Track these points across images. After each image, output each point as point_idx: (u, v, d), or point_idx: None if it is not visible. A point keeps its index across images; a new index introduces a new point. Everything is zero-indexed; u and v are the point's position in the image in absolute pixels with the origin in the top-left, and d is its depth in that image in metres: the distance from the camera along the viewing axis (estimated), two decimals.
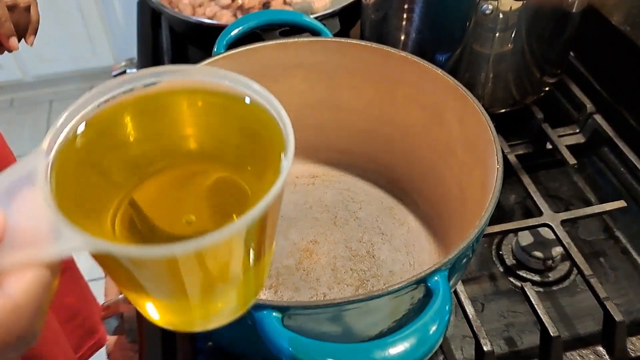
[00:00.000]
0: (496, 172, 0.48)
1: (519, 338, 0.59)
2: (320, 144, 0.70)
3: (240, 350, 0.52)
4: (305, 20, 0.69)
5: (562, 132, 0.77)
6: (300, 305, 0.40)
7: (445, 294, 0.40)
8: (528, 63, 0.69)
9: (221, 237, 0.24)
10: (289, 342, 0.37)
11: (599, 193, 0.73)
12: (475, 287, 0.64)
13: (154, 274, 0.26)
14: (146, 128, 0.31)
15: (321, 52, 0.63)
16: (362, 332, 0.45)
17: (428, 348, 0.38)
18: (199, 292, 0.29)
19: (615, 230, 0.69)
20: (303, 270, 0.60)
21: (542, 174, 0.76)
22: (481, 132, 0.53)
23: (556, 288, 0.63)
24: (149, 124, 0.31)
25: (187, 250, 0.23)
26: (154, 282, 0.27)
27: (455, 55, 0.68)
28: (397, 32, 0.71)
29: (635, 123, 0.75)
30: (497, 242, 0.68)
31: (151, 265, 0.25)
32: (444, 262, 0.41)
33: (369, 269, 0.60)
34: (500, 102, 0.73)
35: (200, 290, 0.29)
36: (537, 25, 0.66)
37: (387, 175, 0.69)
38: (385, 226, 0.65)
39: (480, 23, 0.65)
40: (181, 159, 0.32)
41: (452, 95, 0.57)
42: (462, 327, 0.59)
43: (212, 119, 0.32)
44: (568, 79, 0.81)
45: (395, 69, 0.61)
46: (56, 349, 0.85)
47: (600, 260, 0.66)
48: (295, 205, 0.67)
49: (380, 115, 0.66)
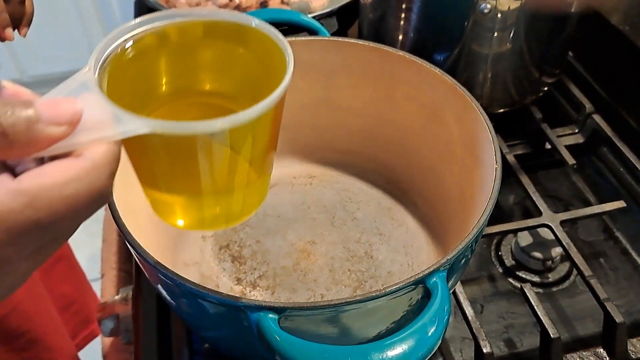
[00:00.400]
0: (495, 172, 0.48)
1: (518, 339, 0.59)
2: (318, 144, 0.69)
3: (236, 352, 0.51)
4: (303, 20, 0.69)
5: (561, 132, 0.76)
6: (297, 306, 0.39)
7: (444, 295, 0.40)
8: (527, 63, 0.69)
9: (253, 113, 0.29)
10: (286, 344, 0.37)
11: (598, 193, 0.73)
12: (474, 288, 0.63)
13: (184, 156, 0.31)
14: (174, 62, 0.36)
15: (319, 51, 0.62)
16: (360, 333, 0.44)
17: (427, 350, 0.37)
18: (216, 185, 0.33)
19: (615, 230, 0.68)
20: (300, 271, 0.60)
21: (541, 174, 0.75)
22: (480, 132, 0.53)
23: (556, 289, 0.63)
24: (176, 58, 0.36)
25: (235, 122, 0.28)
26: (181, 166, 0.32)
27: (454, 55, 0.68)
28: (395, 31, 0.71)
29: (634, 123, 0.75)
30: (497, 243, 0.68)
31: (188, 144, 0.30)
32: (442, 262, 0.41)
33: (367, 270, 0.60)
34: (499, 102, 0.73)
35: (218, 182, 0.33)
36: (535, 25, 0.66)
37: (385, 175, 0.68)
38: (383, 227, 0.64)
39: (479, 22, 0.64)
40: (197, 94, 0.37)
41: (450, 95, 0.57)
42: (461, 329, 0.58)
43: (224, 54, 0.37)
44: (567, 79, 0.81)
45: (393, 68, 0.61)
46: (55, 335, 0.85)
47: (600, 260, 0.66)
48: (293, 205, 0.66)
49: (378, 114, 0.65)
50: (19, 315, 0.77)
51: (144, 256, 0.42)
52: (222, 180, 0.33)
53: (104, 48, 0.32)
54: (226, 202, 0.36)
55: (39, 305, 0.83)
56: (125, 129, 0.27)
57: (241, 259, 0.61)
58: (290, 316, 0.39)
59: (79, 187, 0.25)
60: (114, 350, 0.75)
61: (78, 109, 0.26)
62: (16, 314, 0.77)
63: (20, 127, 0.24)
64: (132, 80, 0.34)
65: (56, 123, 0.25)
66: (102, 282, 0.84)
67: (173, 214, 0.36)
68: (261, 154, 0.34)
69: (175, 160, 0.32)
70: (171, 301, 0.47)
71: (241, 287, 0.59)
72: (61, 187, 0.25)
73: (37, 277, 0.85)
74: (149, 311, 0.61)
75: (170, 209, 0.36)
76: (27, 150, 0.25)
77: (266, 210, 0.66)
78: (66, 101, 0.26)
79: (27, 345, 0.79)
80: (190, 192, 0.34)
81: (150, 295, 0.62)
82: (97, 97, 0.28)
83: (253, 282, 0.59)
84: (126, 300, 0.67)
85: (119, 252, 0.86)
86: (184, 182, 0.33)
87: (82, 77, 0.29)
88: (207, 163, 0.31)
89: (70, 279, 0.97)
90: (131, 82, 0.34)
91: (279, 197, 0.67)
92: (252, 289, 0.59)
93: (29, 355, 0.79)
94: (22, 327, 0.78)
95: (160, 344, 0.58)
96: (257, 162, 0.35)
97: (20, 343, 0.78)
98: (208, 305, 0.42)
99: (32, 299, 0.80)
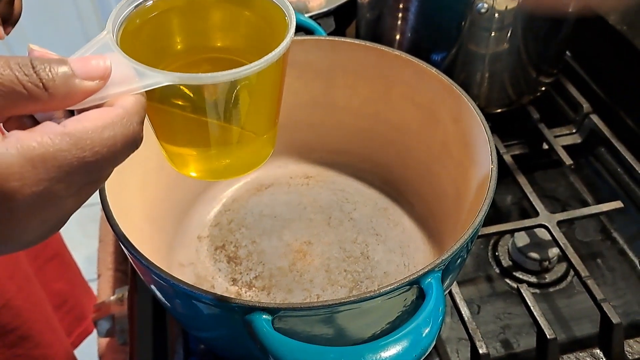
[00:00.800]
0: (490, 172, 0.48)
1: (515, 340, 0.59)
2: (314, 144, 0.69)
3: (231, 353, 0.51)
4: (300, 19, 0.69)
5: (559, 132, 0.76)
6: (291, 307, 0.39)
7: (439, 296, 0.39)
8: (524, 63, 0.69)
9: (261, 64, 0.31)
10: (279, 346, 0.37)
11: (595, 194, 0.73)
12: (471, 289, 0.63)
13: (195, 109, 0.34)
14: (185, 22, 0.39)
15: (315, 50, 0.62)
16: (354, 334, 0.44)
17: (421, 351, 0.37)
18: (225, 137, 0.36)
19: (612, 231, 0.68)
20: (297, 271, 0.60)
21: (538, 174, 0.75)
22: (476, 132, 0.53)
23: (553, 290, 0.63)
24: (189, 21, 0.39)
25: (254, 68, 0.31)
26: (192, 119, 0.34)
27: (451, 55, 0.68)
28: (393, 31, 0.71)
29: (632, 123, 0.75)
30: (493, 243, 0.67)
31: (199, 96, 0.33)
32: (437, 263, 0.41)
33: (363, 270, 0.60)
34: (496, 102, 0.73)
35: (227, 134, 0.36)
36: (533, 25, 0.66)
37: (382, 176, 0.68)
38: (380, 227, 0.64)
39: (476, 22, 0.64)
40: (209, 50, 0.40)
41: (447, 95, 0.56)
42: (457, 330, 0.58)
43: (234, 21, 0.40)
44: (564, 79, 0.81)
45: (390, 68, 0.61)
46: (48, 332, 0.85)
47: (597, 261, 0.65)
48: (289, 206, 0.66)
49: (375, 114, 0.65)
50: (10, 311, 0.77)
51: (138, 257, 0.42)
52: (230, 132, 0.36)
53: (119, 13, 0.34)
54: (236, 153, 0.38)
55: (31, 302, 0.82)
56: (149, 82, 0.30)
57: (237, 259, 0.61)
58: (284, 317, 0.39)
59: (116, 131, 0.28)
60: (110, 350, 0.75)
61: (108, 65, 0.29)
62: (7, 310, 0.76)
63: (59, 81, 0.27)
64: (146, 40, 0.37)
65: (90, 77, 0.28)
66: (98, 282, 0.84)
67: (186, 165, 0.39)
68: (269, 106, 0.37)
69: (186, 114, 0.34)
70: (166, 302, 0.47)
71: (237, 288, 0.59)
72: (101, 130, 0.27)
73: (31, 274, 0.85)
74: (145, 312, 0.61)
75: (183, 161, 0.38)
76: (65, 103, 0.28)
77: (262, 210, 0.66)
78: (97, 58, 0.29)
79: (19, 341, 0.79)
80: (201, 144, 0.37)
81: (145, 295, 0.62)
82: (119, 56, 0.30)
83: (249, 282, 0.59)
84: (122, 300, 0.67)
85: (116, 253, 0.85)
86: (196, 134, 0.36)
87: (103, 39, 0.31)
88: (216, 115, 0.34)
89: (64, 276, 0.97)
90: (145, 41, 0.37)
91: (275, 197, 0.67)
92: (248, 289, 0.58)
93: (21, 351, 0.79)
94: (13, 322, 0.78)
95: (156, 345, 0.58)
96: (265, 115, 0.38)
97: (11, 339, 0.78)
98: (202, 306, 0.42)
99: (24, 295, 0.80)
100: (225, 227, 0.64)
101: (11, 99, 0.26)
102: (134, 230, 0.47)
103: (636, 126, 0.74)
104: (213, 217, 0.65)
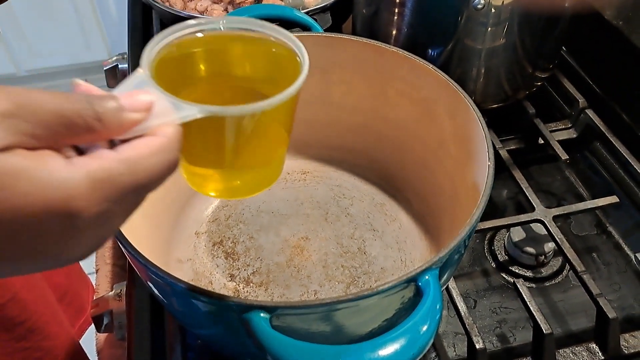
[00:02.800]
0: (487, 169, 0.48)
1: (511, 335, 0.59)
2: (311, 140, 0.69)
3: (229, 350, 0.51)
4: (296, 15, 0.69)
5: (554, 127, 0.77)
6: (289, 305, 0.39)
7: (436, 293, 0.40)
8: (520, 58, 0.69)
9: (283, 98, 0.35)
10: (277, 344, 0.37)
11: (591, 188, 0.73)
12: (467, 283, 0.64)
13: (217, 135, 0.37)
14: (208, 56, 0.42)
15: (312, 47, 0.61)
16: (352, 331, 0.44)
17: (419, 349, 0.37)
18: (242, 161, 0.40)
19: (608, 225, 0.69)
20: (294, 267, 0.60)
21: (534, 169, 0.75)
22: (472, 128, 0.53)
23: (549, 284, 0.63)
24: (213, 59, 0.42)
25: (275, 101, 0.34)
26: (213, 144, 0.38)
27: (447, 50, 0.68)
28: (389, 27, 0.71)
29: (627, 118, 0.75)
30: (489, 238, 0.68)
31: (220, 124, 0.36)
32: (434, 260, 0.41)
33: (361, 266, 0.60)
34: (492, 97, 0.73)
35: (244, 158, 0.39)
36: (529, 20, 0.66)
37: (379, 171, 0.68)
38: (376, 222, 0.64)
39: (472, 18, 0.64)
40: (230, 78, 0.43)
41: (443, 91, 0.57)
42: (454, 324, 0.59)
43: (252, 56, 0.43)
44: (560, 74, 0.81)
45: (386, 64, 0.61)
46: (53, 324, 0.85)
47: (592, 256, 0.66)
48: (286, 201, 0.66)
49: (371, 110, 0.65)
50: (17, 304, 0.77)
51: (134, 254, 0.42)
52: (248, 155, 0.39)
53: (151, 51, 0.37)
54: (252, 174, 0.42)
55: (37, 295, 0.83)
56: (185, 114, 0.33)
57: (234, 255, 0.61)
58: (282, 315, 0.39)
59: (162, 157, 0.31)
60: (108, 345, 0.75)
61: (151, 99, 0.32)
62: (14, 303, 0.77)
63: (111, 114, 0.30)
64: (173, 71, 0.40)
65: (136, 110, 0.31)
66: (96, 276, 0.84)
67: (205, 186, 0.42)
68: (284, 132, 0.40)
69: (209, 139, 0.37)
70: (163, 299, 0.47)
71: (234, 284, 0.59)
72: (150, 156, 0.30)
73: None
74: (142, 307, 0.61)
75: (202, 182, 0.42)
76: (116, 132, 0.31)
77: (259, 206, 0.66)
78: (141, 93, 0.32)
79: (26, 334, 0.79)
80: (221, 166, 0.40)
81: (143, 291, 0.62)
82: (156, 91, 0.33)
83: (246, 278, 0.59)
84: (120, 296, 0.67)
85: (114, 247, 0.86)
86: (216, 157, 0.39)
87: (139, 76, 0.34)
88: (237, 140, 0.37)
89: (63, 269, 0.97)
90: (172, 72, 0.40)
91: (272, 193, 0.67)
92: (246, 285, 0.59)
93: (29, 344, 0.80)
94: (21, 315, 0.78)
95: (154, 340, 0.58)
96: (280, 140, 0.41)
97: (19, 332, 0.78)
98: (199, 304, 0.42)
99: (29, 288, 0.81)
100: (223, 223, 0.64)
101: (72, 129, 0.29)
102: (132, 227, 0.46)
103: (631, 121, 0.74)
104: (211, 213, 0.66)
